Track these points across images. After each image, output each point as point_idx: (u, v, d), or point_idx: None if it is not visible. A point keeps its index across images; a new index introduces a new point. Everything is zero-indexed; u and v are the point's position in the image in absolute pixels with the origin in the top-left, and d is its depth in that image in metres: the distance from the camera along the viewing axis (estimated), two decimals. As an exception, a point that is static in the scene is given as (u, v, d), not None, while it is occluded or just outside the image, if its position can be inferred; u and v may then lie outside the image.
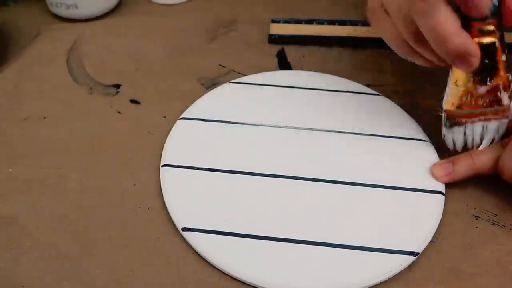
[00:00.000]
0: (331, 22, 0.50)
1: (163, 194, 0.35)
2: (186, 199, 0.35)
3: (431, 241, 0.33)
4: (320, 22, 0.50)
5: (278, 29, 0.49)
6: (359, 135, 0.39)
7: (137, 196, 0.36)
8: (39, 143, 0.39)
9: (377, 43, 0.48)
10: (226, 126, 0.40)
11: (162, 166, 0.37)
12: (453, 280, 0.31)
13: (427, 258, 0.32)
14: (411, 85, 0.45)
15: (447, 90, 0.35)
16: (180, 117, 0.40)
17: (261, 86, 0.43)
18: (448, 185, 0.36)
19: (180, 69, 0.46)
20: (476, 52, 0.31)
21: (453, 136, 0.36)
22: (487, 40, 0.32)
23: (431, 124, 0.41)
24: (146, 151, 0.38)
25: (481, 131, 0.36)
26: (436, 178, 0.36)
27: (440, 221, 0.34)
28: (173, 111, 0.41)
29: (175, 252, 0.32)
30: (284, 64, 0.47)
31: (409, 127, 0.40)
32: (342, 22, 0.50)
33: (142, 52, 0.48)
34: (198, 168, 0.36)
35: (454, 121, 0.36)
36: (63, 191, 0.36)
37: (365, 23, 0.50)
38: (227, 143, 0.38)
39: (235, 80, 0.44)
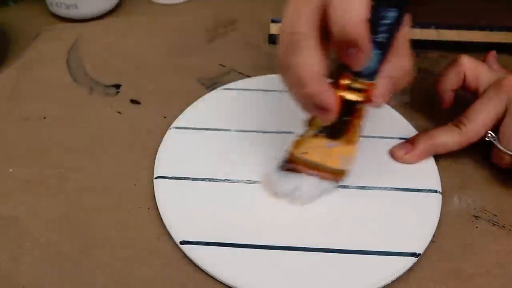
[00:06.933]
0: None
1: (158, 207, 0.34)
2: (182, 211, 0.34)
3: (431, 241, 0.33)
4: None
5: (278, 29, 0.49)
6: None
7: (137, 196, 0.35)
8: (39, 143, 0.39)
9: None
10: (219, 134, 0.39)
11: (156, 178, 0.36)
12: (453, 280, 0.31)
13: (427, 258, 0.32)
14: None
15: (299, 132, 0.32)
16: (171, 126, 0.40)
17: (252, 91, 0.43)
18: (447, 185, 0.36)
19: (180, 69, 0.46)
20: (331, 105, 0.28)
21: (286, 181, 0.34)
22: (350, 96, 0.30)
23: (423, 122, 0.41)
24: (146, 151, 0.38)
25: (315, 185, 0.34)
26: (397, 158, 0.37)
27: (440, 221, 0.34)
28: (173, 111, 0.41)
29: (175, 252, 0.32)
30: (284, 64, 0.47)
31: (401, 127, 0.40)
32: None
33: (142, 52, 0.48)
34: (193, 179, 0.36)
35: (291, 166, 0.34)
36: (63, 191, 0.36)
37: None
38: (220, 151, 0.38)
39: (226, 86, 0.43)
